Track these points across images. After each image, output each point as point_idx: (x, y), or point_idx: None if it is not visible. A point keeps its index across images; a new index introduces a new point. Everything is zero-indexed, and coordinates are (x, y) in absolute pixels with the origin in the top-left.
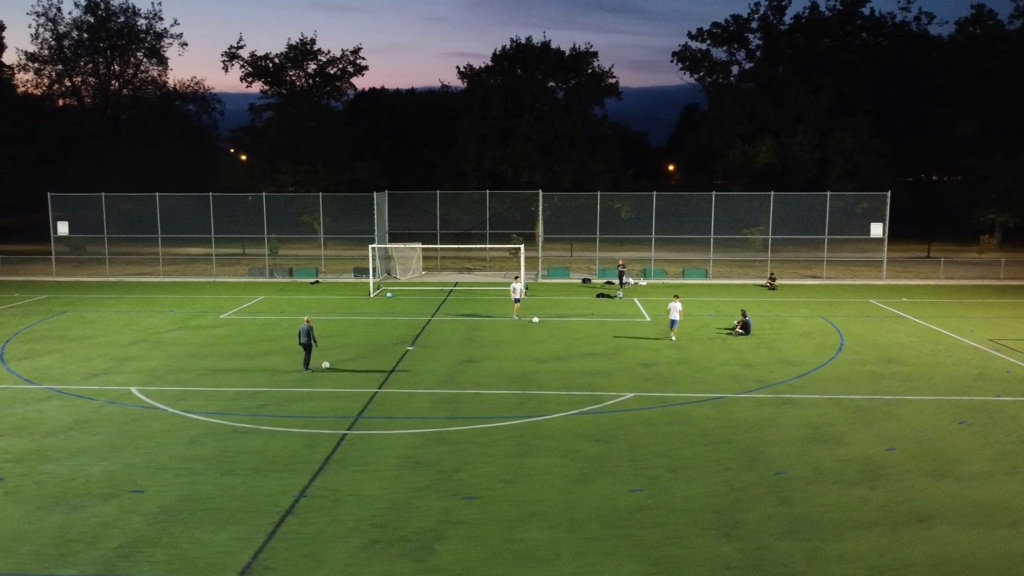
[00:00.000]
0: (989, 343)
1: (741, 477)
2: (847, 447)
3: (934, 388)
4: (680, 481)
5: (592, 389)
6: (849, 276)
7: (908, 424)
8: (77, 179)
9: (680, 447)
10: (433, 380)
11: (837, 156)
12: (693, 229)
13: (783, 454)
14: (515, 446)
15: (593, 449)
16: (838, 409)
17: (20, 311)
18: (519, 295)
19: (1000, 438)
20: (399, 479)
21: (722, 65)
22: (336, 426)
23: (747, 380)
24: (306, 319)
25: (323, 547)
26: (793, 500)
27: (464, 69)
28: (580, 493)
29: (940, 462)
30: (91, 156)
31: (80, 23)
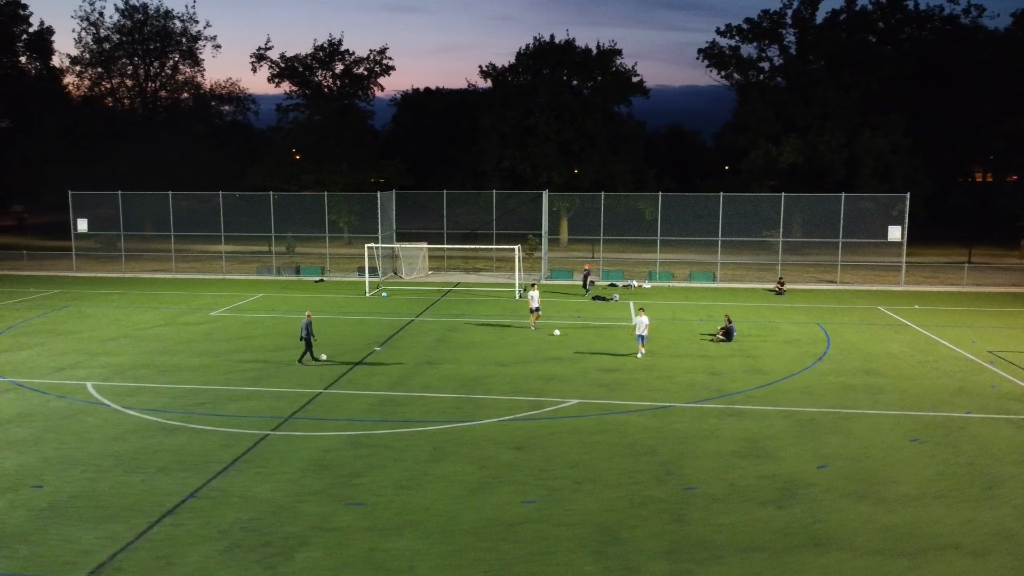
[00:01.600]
0: (987, 355)
1: (646, 492)
2: (776, 463)
3: (902, 402)
4: (580, 494)
5: (538, 394)
6: (868, 281)
7: (854, 440)
8: (111, 178)
9: (597, 458)
10: (383, 382)
11: (867, 156)
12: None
13: (703, 469)
14: (430, 452)
15: (507, 457)
16: (787, 422)
17: (27, 305)
18: (537, 304)
19: (947, 458)
20: (295, 482)
21: (750, 62)
22: (263, 426)
23: (705, 389)
24: (307, 314)
25: (182, 550)
26: (689, 518)
27: (487, 68)
28: (470, 503)
29: (868, 483)
30: (127, 155)
31: (120, 27)
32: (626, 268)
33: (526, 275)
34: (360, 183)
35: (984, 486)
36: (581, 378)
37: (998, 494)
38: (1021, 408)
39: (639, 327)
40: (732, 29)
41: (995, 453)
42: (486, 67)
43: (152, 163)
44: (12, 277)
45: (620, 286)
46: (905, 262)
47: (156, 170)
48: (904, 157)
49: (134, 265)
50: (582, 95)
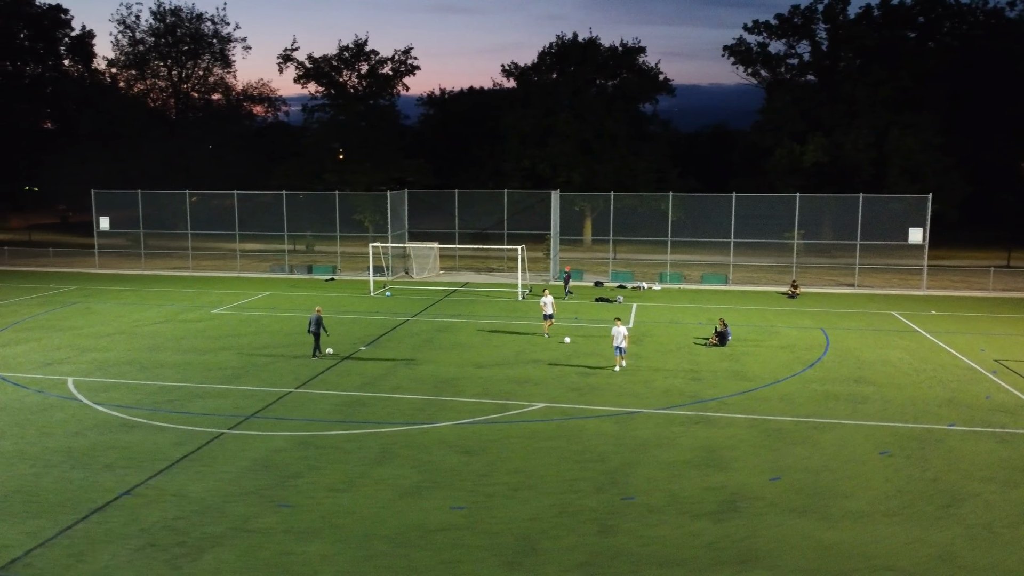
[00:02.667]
0: (992, 364)
1: (581, 501)
2: (727, 474)
3: (883, 412)
4: (513, 501)
5: (507, 397)
6: (890, 285)
7: (819, 451)
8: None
9: (543, 464)
10: (355, 382)
11: (896, 155)
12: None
13: (649, 478)
14: (377, 454)
15: (452, 461)
16: (753, 431)
17: (41, 301)
18: (551, 310)
19: (912, 473)
20: (232, 482)
21: (777, 59)
22: (222, 425)
23: (680, 395)
24: (316, 309)
25: (96, 548)
26: (617, 530)
27: (509, 67)
28: (398, 507)
29: (818, 497)
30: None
31: (154, 29)
32: (640, 269)
33: (538, 276)
34: (384, 182)
35: (942, 504)
36: (556, 381)
37: (955, 513)
38: (1010, 421)
39: (616, 338)
40: (759, 25)
41: (965, 469)
42: (508, 66)
43: (182, 163)
44: (36, 273)
45: (629, 288)
46: (927, 265)
47: (185, 169)
48: (935, 156)
49: (155, 263)
50: (603, 94)
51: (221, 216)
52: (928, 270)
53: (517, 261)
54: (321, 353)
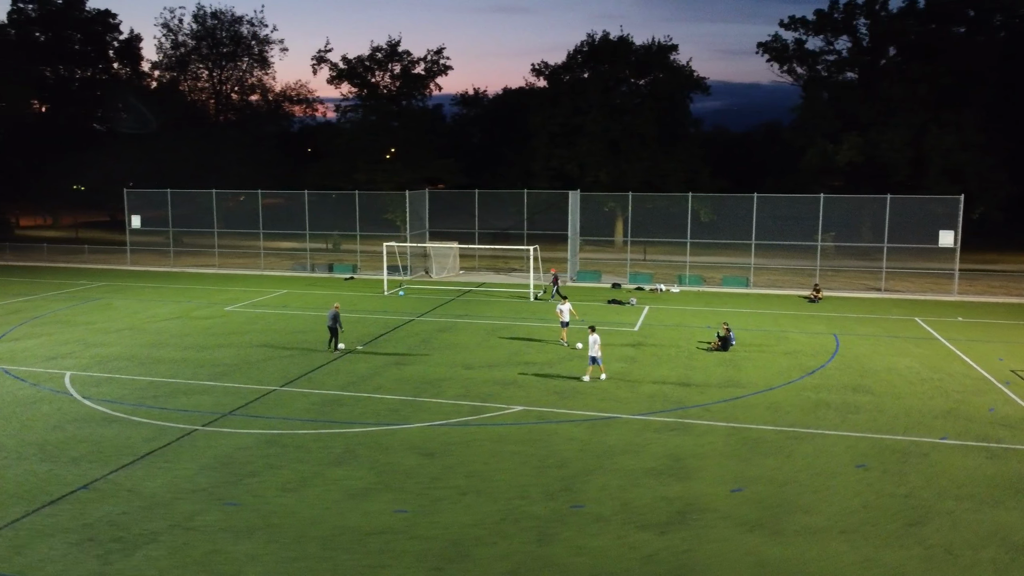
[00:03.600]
0: (1007, 374)
1: (528, 507)
2: (687, 484)
3: (873, 423)
4: (459, 506)
5: (486, 399)
6: (921, 289)
7: (791, 463)
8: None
9: (501, 469)
10: (340, 381)
11: (934, 154)
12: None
13: (606, 486)
14: (338, 454)
15: (410, 463)
16: (729, 440)
17: (67, 296)
18: (567, 318)
19: (884, 488)
20: (188, 479)
21: (812, 55)
22: (197, 421)
23: (665, 401)
24: (335, 305)
25: (37, 541)
26: (555, 539)
27: (539, 66)
28: (342, 508)
29: (776, 511)
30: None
31: (195, 33)
32: (669, 271)
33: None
34: (414, 182)
35: (907, 522)
36: (542, 384)
37: (917, 532)
38: (1008, 436)
39: (592, 347)
40: (796, 21)
41: (943, 485)
42: (538, 65)
43: (218, 163)
44: (70, 270)
45: (647, 290)
46: (959, 270)
47: (221, 169)
48: (977, 156)
49: (184, 260)
50: (632, 92)
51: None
52: (965, 275)
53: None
54: (331, 348)
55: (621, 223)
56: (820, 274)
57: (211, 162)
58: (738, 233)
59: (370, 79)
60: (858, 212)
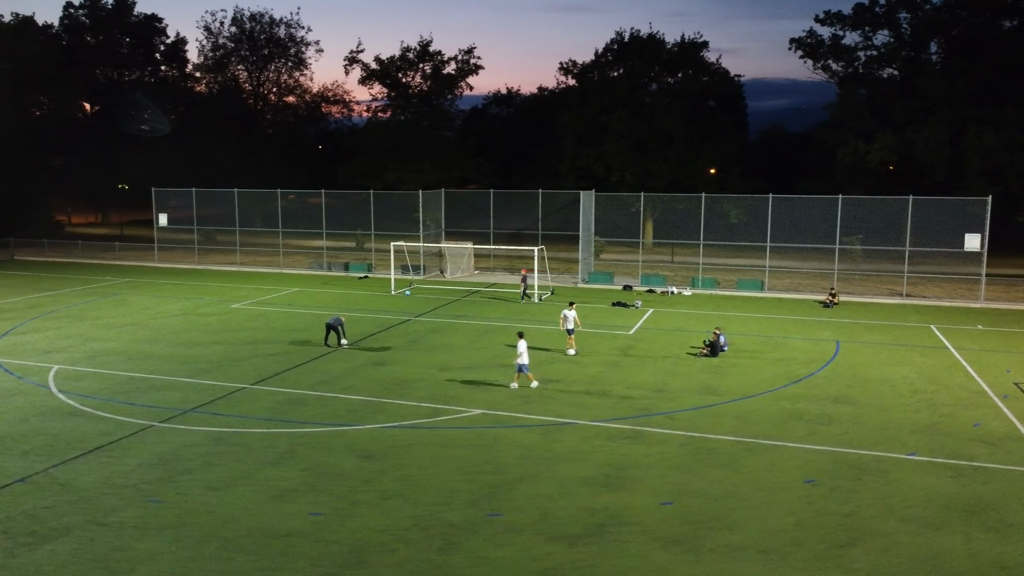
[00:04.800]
0: (1009, 387)
1: (445, 514)
2: (620, 495)
3: (840, 436)
4: (376, 511)
5: (448, 402)
6: (945, 296)
7: (737, 476)
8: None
9: (435, 474)
10: (313, 380)
11: (973, 154)
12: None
13: (533, 494)
14: (279, 454)
15: (346, 465)
16: (681, 449)
17: (89, 292)
18: (571, 325)
19: (826, 506)
20: (125, 475)
21: (847, 51)
22: (157, 417)
23: (632, 407)
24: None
25: None
26: (458, 548)
27: (567, 64)
28: (261, 510)
29: (701, 527)
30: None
31: (234, 36)
32: (683, 273)
33: (570, 278)
34: (443, 181)
35: (837, 543)
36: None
37: (844, 555)
38: (984, 454)
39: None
40: (832, 16)
41: (892, 504)
42: (567, 63)
43: (256, 161)
44: (100, 266)
45: (658, 292)
46: (986, 275)
47: (258, 168)
48: (1019, 156)
49: (210, 257)
50: (660, 91)
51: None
52: (997, 280)
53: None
54: (335, 345)
55: (650, 224)
56: (846, 278)
57: (248, 161)
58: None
59: (401, 79)
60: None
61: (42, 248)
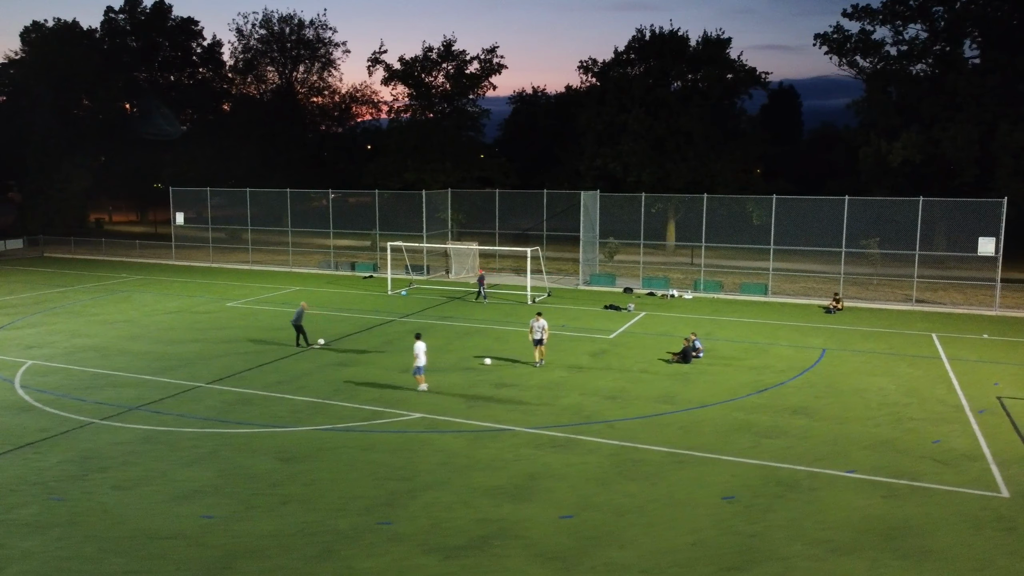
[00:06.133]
0: (990, 402)
1: (335, 521)
2: (521, 507)
3: (783, 451)
4: (271, 515)
5: (394, 405)
6: (962, 302)
7: (653, 490)
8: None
9: (346, 478)
10: (269, 380)
11: (1004, 153)
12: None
13: (433, 503)
14: (200, 455)
15: (262, 467)
16: (607, 460)
17: (97, 288)
18: (539, 335)
19: (736, 525)
20: (41, 471)
21: (875, 46)
22: (102, 414)
23: (577, 414)
24: (302, 304)
25: None
26: (334, 556)
27: (587, 62)
28: (157, 511)
29: (591, 543)
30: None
31: (264, 38)
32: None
33: (574, 279)
34: (464, 181)
35: (728, 566)
36: (462, 391)
37: None
38: (931, 473)
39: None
40: (860, 11)
41: (805, 526)
42: (586, 61)
43: (280, 162)
44: (119, 263)
45: (659, 295)
46: (1003, 281)
47: (284, 168)
48: None
49: (225, 256)
50: (679, 90)
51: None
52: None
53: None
54: (303, 345)
55: (672, 226)
56: (863, 283)
57: (275, 162)
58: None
59: (424, 79)
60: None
61: (68, 245)
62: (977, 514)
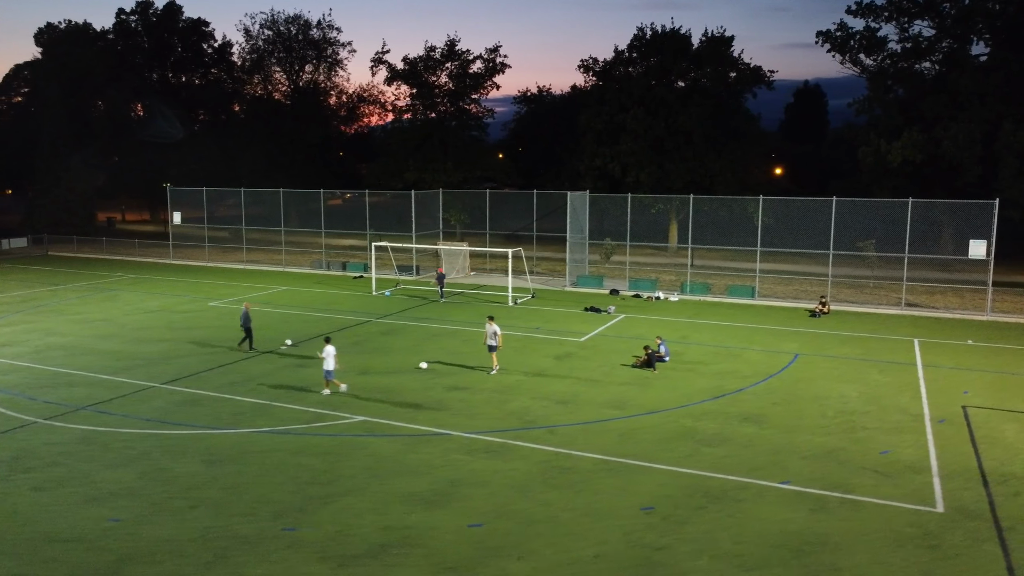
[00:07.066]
0: (955, 412)
1: (240, 526)
2: (435, 513)
3: (720, 460)
4: (176, 519)
5: (338, 407)
6: (956, 307)
7: (572, 499)
8: (252, 173)
9: (266, 482)
10: (222, 381)
11: (1008, 153)
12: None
13: (346, 509)
14: (132, 456)
15: (188, 469)
16: (537, 467)
17: (87, 287)
18: (494, 341)
19: (644, 538)
20: None
21: (880, 43)
22: (47, 413)
23: (519, 419)
24: (245, 305)
25: None
26: (225, 563)
27: (587, 61)
28: (67, 513)
29: (491, 553)
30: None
31: (270, 38)
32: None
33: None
34: (465, 181)
35: None
36: (414, 394)
37: None
38: (870, 485)
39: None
40: (864, 8)
41: (719, 540)
42: (587, 60)
43: (283, 162)
44: (117, 262)
45: (644, 297)
46: (994, 284)
47: (286, 168)
48: None
49: (221, 255)
50: (679, 89)
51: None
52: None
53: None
54: (244, 348)
55: (674, 227)
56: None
57: (280, 162)
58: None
59: (427, 79)
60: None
61: (71, 244)
62: (903, 530)
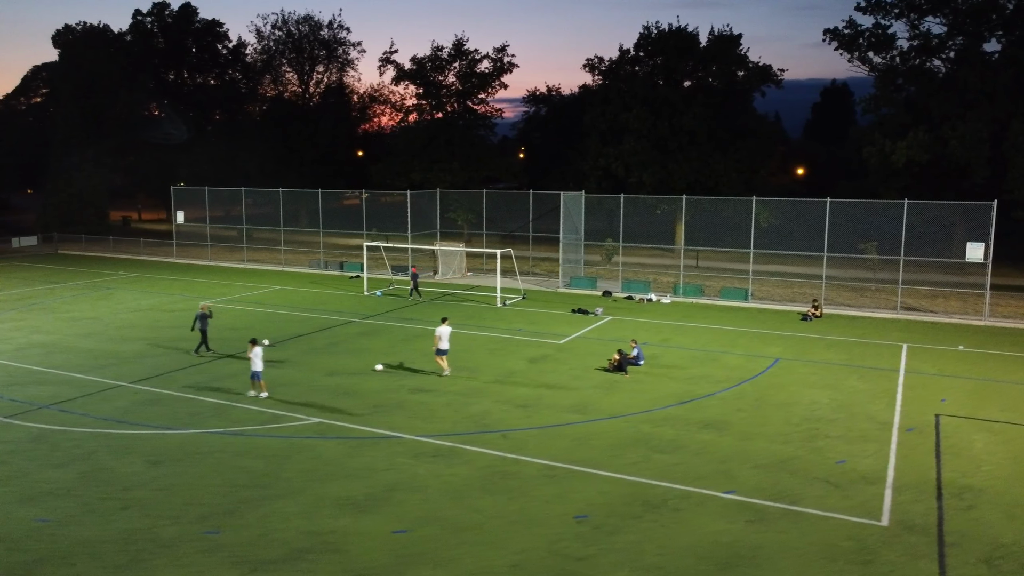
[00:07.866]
0: (927, 420)
1: (164, 529)
2: (363, 518)
3: (667, 468)
4: (101, 520)
5: (294, 409)
6: (954, 311)
7: (507, 505)
8: (259, 173)
9: (201, 484)
10: (190, 381)
11: (1017, 153)
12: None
13: (275, 513)
14: (78, 455)
15: (127, 470)
16: (479, 472)
17: (84, 286)
18: (446, 344)
19: (567, 548)
20: None
21: (889, 40)
22: (11, 411)
23: (475, 423)
24: (201, 306)
25: None
26: (138, 567)
27: (592, 60)
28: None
29: (409, 560)
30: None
31: (280, 39)
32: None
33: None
34: (472, 181)
35: None
36: (375, 396)
37: None
38: (818, 497)
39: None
40: (872, 5)
41: (645, 551)
42: (592, 59)
43: (293, 161)
44: (120, 260)
45: (637, 299)
46: (993, 288)
47: (296, 168)
48: None
49: (223, 254)
50: (683, 88)
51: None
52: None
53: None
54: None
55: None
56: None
57: (290, 161)
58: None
59: (434, 78)
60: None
61: (79, 242)
62: (839, 544)
